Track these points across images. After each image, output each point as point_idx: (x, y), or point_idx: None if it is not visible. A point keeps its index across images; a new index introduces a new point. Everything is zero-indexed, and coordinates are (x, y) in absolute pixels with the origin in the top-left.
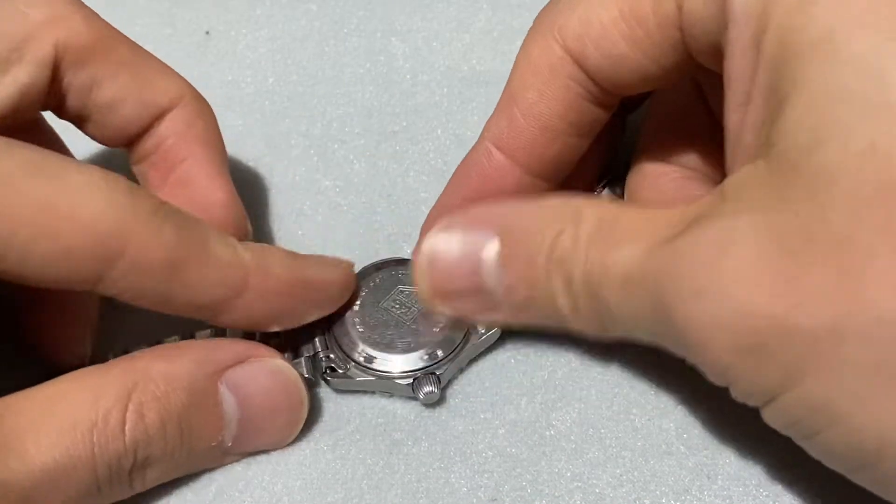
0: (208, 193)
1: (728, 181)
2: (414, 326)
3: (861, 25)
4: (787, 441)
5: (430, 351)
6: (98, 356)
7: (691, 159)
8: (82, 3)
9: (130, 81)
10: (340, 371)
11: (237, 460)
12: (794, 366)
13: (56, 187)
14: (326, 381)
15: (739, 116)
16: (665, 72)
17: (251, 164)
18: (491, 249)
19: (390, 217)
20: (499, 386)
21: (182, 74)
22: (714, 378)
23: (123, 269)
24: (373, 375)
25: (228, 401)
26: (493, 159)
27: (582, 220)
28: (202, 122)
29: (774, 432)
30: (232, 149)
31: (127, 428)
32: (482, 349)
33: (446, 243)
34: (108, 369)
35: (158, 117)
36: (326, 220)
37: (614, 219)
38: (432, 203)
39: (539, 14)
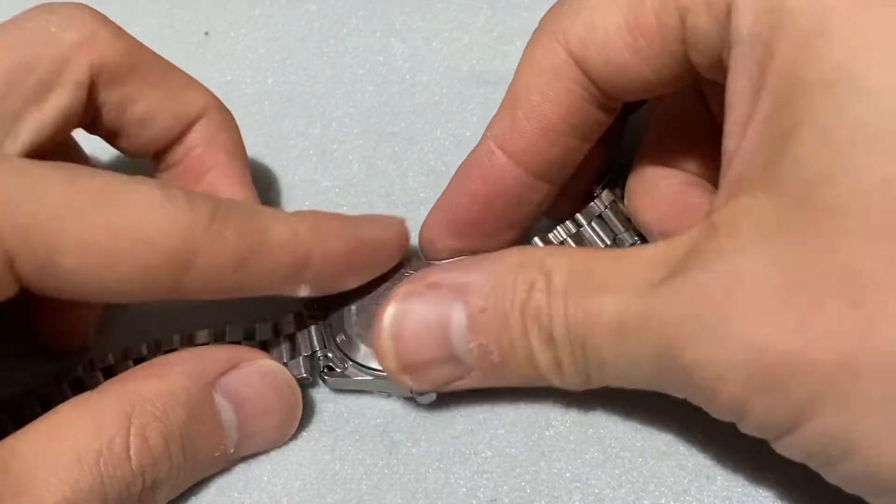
0: None
1: (721, 213)
2: None
3: (873, 60)
4: None
5: None
6: (97, 355)
7: (692, 164)
8: (108, 19)
9: (162, 96)
10: (338, 370)
11: (236, 465)
12: (809, 401)
13: (121, 211)
14: (324, 381)
15: (735, 140)
16: (667, 81)
17: (251, 164)
18: (457, 314)
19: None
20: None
21: None
22: (721, 415)
23: (195, 277)
24: (371, 375)
25: (225, 409)
26: (496, 159)
27: (551, 270)
28: (226, 132)
29: None
30: None
31: (132, 452)
32: None
33: (408, 314)
34: (104, 394)
35: (187, 129)
36: None
37: (586, 266)
38: (431, 203)
39: (544, 17)
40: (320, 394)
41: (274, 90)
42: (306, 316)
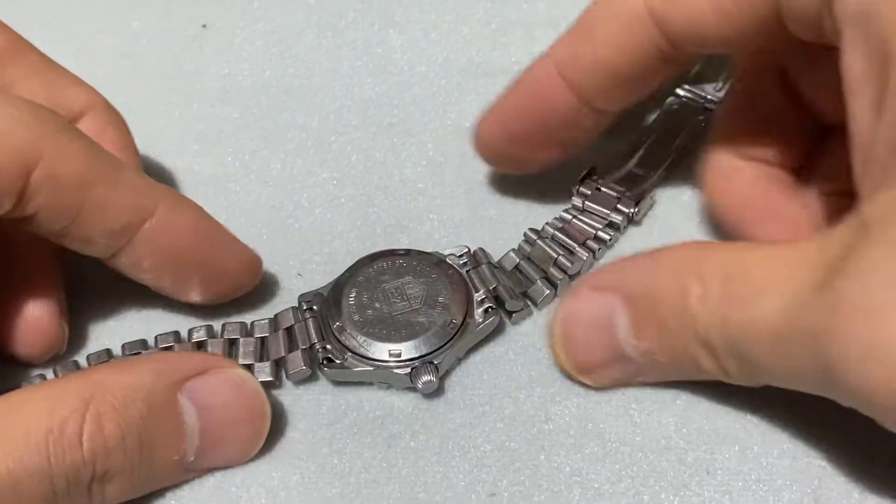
0: None
1: (870, 209)
2: (410, 316)
3: None
4: (787, 437)
5: (427, 340)
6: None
7: (770, 153)
8: None
9: (41, 86)
10: (337, 362)
11: (200, 476)
12: None
13: None
14: (323, 373)
15: (868, 124)
16: (749, 39)
17: (248, 156)
18: (620, 318)
19: (387, 209)
20: (497, 379)
21: (179, 68)
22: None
23: (39, 183)
24: (370, 365)
25: (189, 412)
26: (553, 82)
27: (706, 275)
28: (113, 128)
29: (773, 428)
30: (229, 142)
31: (85, 438)
32: (481, 338)
33: (575, 318)
34: (65, 381)
35: (70, 122)
36: (324, 212)
37: (741, 269)
38: (430, 194)
39: None
40: (318, 387)
41: (272, 83)
42: (303, 309)
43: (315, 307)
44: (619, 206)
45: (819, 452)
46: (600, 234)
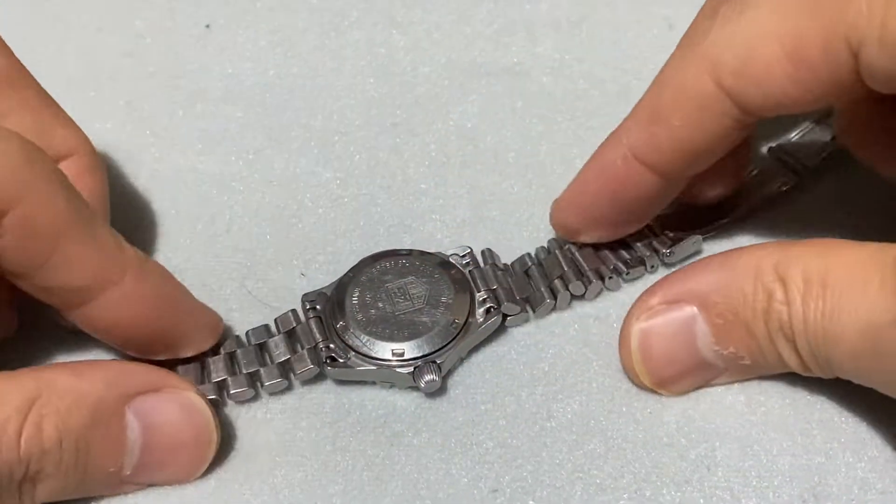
0: None
1: None
2: (413, 316)
3: None
4: (787, 435)
5: (430, 339)
6: None
7: None
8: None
9: (32, 122)
10: (341, 361)
11: (137, 490)
12: None
13: None
14: (326, 372)
15: None
16: (828, 99)
17: (252, 156)
18: (700, 327)
19: (391, 209)
20: (499, 377)
21: (182, 67)
22: None
23: (11, 225)
24: (373, 364)
25: (133, 428)
26: (631, 167)
27: (786, 278)
28: (91, 175)
29: (774, 426)
30: (232, 141)
31: (23, 439)
32: (483, 337)
33: (652, 333)
34: (16, 376)
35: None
36: (327, 212)
37: (822, 276)
38: (432, 194)
39: (689, 33)
40: (322, 386)
41: (275, 82)
42: (306, 308)
43: (318, 307)
44: (654, 242)
45: (819, 450)
46: (619, 265)
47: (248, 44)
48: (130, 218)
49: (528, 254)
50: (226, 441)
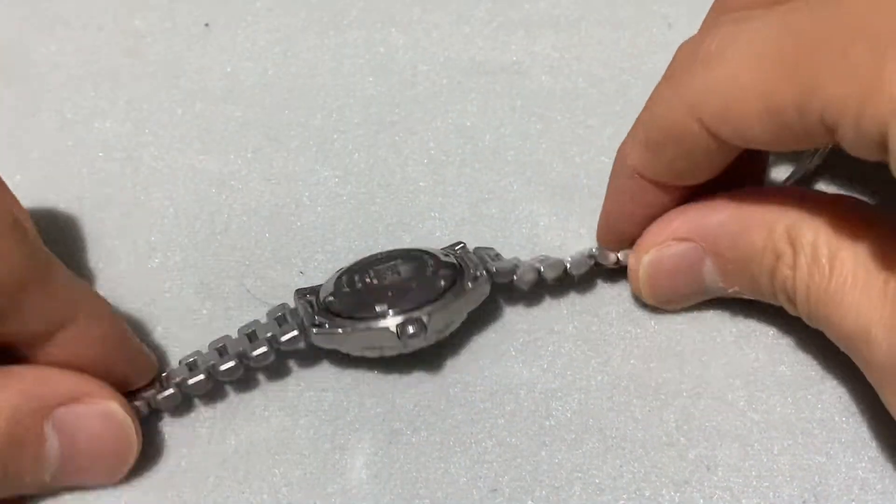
0: None
1: None
2: (399, 283)
3: None
4: (788, 434)
5: (414, 296)
6: None
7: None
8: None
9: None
10: (327, 326)
11: (56, 493)
12: None
13: None
14: (313, 338)
15: None
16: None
17: (251, 155)
18: (707, 267)
19: (389, 207)
20: (498, 375)
21: (181, 66)
22: None
23: None
24: (358, 327)
25: (52, 440)
26: (640, 184)
27: (797, 245)
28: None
29: (774, 425)
30: (231, 140)
31: None
32: (473, 305)
33: (661, 263)
34: None
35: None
36: (326, 210)
37: (832, 254)
38: (431, 192)
39: (674, 67)
40: (321, 383)
41: (274, 81)
42: (296, 298)
43: (308, 295)
44: None
45: (819, 449)
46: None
47: (248, 43)
48: (129, 217)
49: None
50: (223, 439)
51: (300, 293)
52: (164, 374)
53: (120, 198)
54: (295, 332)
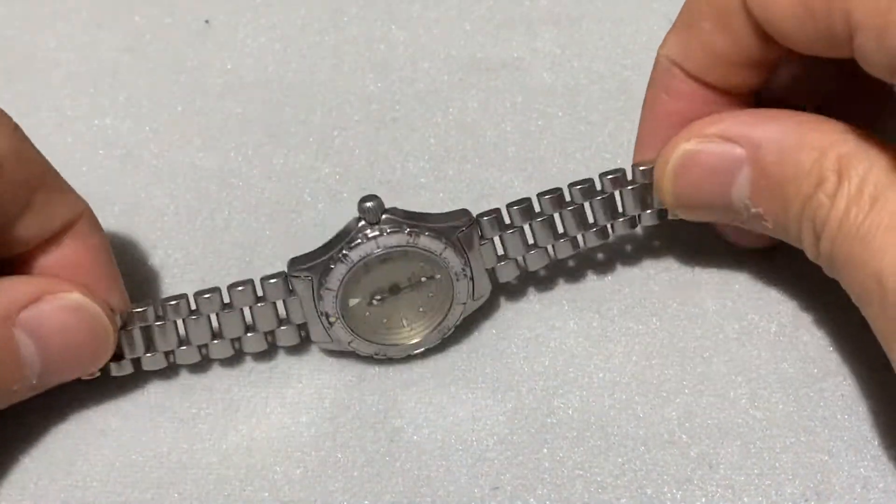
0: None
1: None
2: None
3: None
4: (790, 432)
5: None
6: None
7: (725, 80)
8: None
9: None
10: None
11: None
12: None
13: None
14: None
15: None
16: (828, 54)
17: (251, 151)
18: (742, 176)
19: (390, 203)
20: (499, 372)
21: (182, 63)
22: None
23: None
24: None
25: (26, 344)
26: (675, 76)
27: (843, 176)
28: (95, 236)
29: (776, 423)
30: (231, 137)
31: None
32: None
33: (695, 158)
34: None
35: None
36: (326, 207)
37: (877, 192)
38: (432, 189)
39: None
40: (321, 381)
41: (274, 78)
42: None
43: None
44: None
45: (822, 447)
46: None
47: (248, 39)
48: (130, 214)
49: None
50: (224, 436)
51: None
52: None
53: (120, 195)
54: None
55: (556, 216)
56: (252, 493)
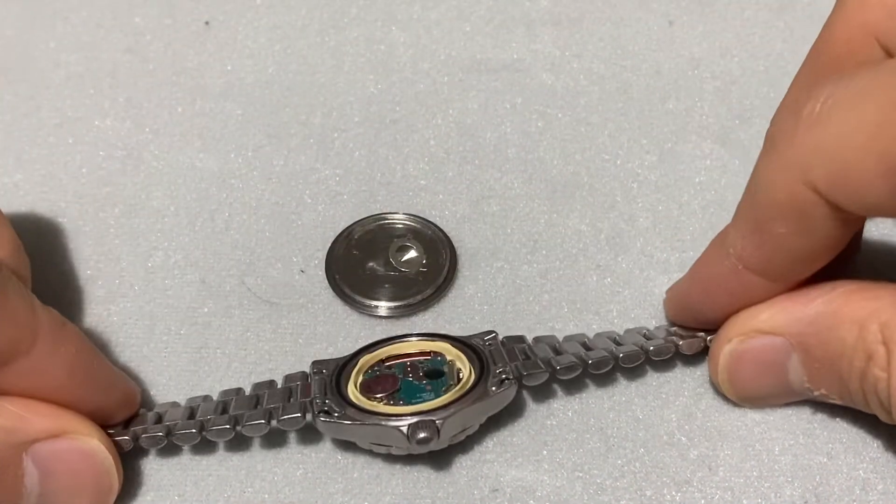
0: None
1: None
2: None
3: None
4: (789, 434)
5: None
6: None
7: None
8: None
9: None
10: (335, 414)
11: None
12: None
13: None
14: (318, 425)
15: None
16: None
17: (251, 153)
18: (793, 364)
19: (390, 205)
20: None
21: (182, 64)
22: None
23: None
24: (368, 421)
25: (31, 475)
26: (742, 276)
27: (892, 346)
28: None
29: (775, 425)
30: (232, 138)
31: None
32: (493, 410)
33: (743, 355)
34: None
35: None
36: (327, 208)
37: None
38: (433, 190)
39: (774, 133)
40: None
41: (274, 79)
42: (313, 372)
43: (325, 371)
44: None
45: (821, 450)
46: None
47: (248, 40)
48: (130, 215)
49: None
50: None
51: (316, 367)
52: (153, 411)
53: (120, 196)
54: (297, 415)
55: None
56: (252, 494)
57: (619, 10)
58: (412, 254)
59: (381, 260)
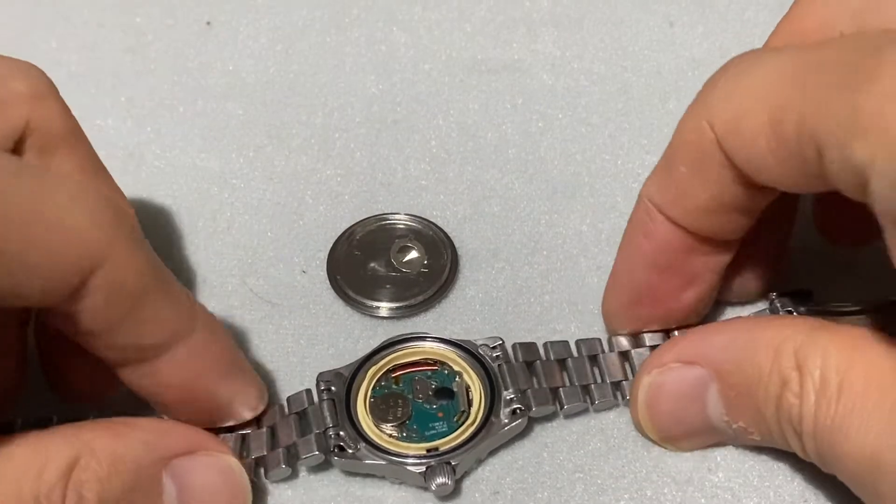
0: None
1: None
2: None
3: None
4: None
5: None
6: None
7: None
8: (58, 92)
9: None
10: (350, 451)
11: None
12: None
13: (41, 196)
14: (333, 462)
15: None
16: (811, 187)
17: (252, 153)
18: (711, 395)
19: (391, 206)
20: None
21: (183, 64)
22: None
23: (96, 286)
24: (383, 459)
25: (170, 491)
26: (654, 219)
27: (805, 370)
28: None
29: None
30: (233, 138)
31: None
32: (504, 440)
33: (662, 388)
34: (53, 438)
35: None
36: (328, 209)
37: (840, 378)
38: (433, 191)
39: (704, 86)
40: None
41: (276, 79)
42: (321, 389)
43: (333, 388)
44: None
45: None
46: None
47: (249, 41)
48: None
49: (567, 343)
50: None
51: (322, 381)
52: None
53: None
54: (315, 453)
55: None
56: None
57: (619, 10)
58: (413, 254)
59: (383, 260)
